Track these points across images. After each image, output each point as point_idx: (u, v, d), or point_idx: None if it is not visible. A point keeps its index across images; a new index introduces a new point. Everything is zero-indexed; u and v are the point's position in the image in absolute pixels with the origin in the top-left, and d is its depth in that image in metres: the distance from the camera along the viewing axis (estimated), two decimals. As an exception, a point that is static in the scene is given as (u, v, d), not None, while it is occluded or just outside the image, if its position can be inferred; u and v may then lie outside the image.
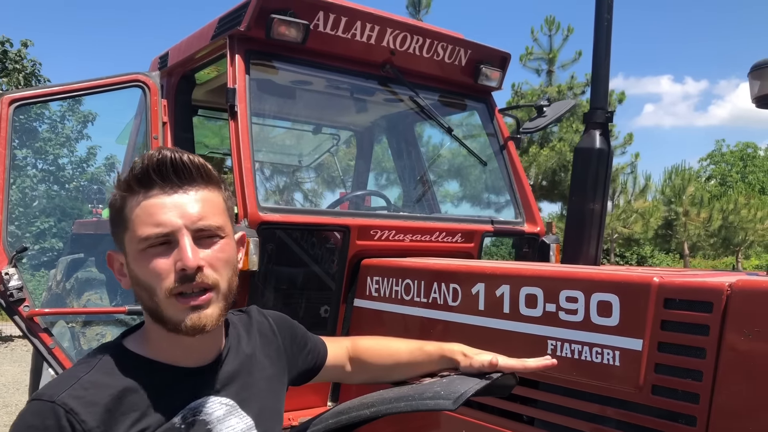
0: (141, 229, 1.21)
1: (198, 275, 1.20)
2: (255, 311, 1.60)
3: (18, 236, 12.31)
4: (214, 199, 1.28)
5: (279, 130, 4.98)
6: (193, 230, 1.22)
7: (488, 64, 3.74)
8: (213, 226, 1.25)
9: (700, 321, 1.74)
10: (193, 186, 1.25)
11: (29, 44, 14.62)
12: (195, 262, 1.19)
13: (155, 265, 1.20)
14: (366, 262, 3.01)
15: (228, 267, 1.27)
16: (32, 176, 13.01)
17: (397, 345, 1.76)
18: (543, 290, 2.18)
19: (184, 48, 3.60)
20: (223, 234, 1.27)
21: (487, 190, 4.34)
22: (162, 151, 1.23)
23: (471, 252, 3.46)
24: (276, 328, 1.58)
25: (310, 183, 5.63)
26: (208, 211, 1.25)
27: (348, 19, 3.23)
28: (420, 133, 4.57)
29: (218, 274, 1.24)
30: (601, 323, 1.99)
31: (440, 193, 4.75)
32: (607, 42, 2.74)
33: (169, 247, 1.21)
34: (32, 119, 13.61)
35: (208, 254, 1.23)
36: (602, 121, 2.70)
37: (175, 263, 1.20)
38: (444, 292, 2.57)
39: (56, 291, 3.88)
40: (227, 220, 1.30)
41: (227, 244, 1.28)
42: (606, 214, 2.75)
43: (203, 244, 1.24)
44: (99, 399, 1.16)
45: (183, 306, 1.21)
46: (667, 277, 1.89)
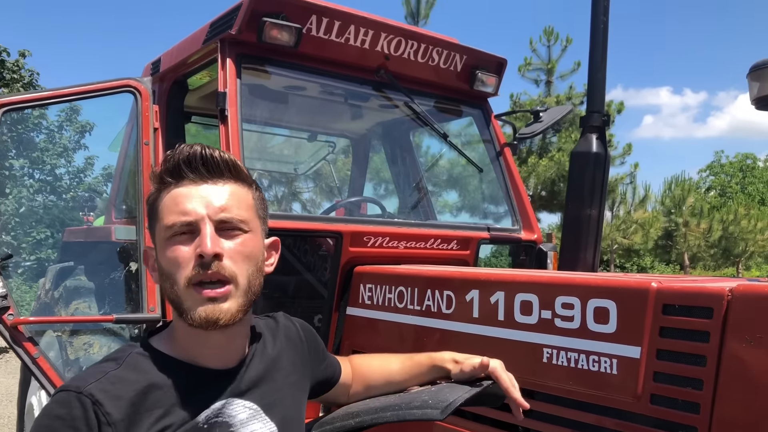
0: (167, 217, 1.24)
1: (215, 264, 1.21)
2: (282, 316, 1.60)
3: (14, 247, 12.25)
4: (241, 194, 1.29)
5: (275, 137, 4.94)
6: (216, 221, 1.23)
7: (484, 70, 3.70)
8: (236, 218, 1.26)
9: (699, 327, 1.69)
10: (221, 179, 1.27)
11: (27, 54, 14.63)
12: (213, 249, 1.20)
13: (177, 253, 1.22)
14: (359, 269, 2.95)
15: (249, 263, 1.27)
16: (29, 186, 12.97)
17: (388, 359, 1.75)
18: (538, 297, 2.12)
19: (176, 53, 3.56)
20: (247, 229, 1.28)
21: (483, 197, 4.28)
22: (193, 146, 1.26)
23: (467, 259, 3.40)
24: (303, 335, 1.58)
25: (306, 191, 5.58)
26: (233, 203, 1.26)
27: (341, 23, 3.19)
28: (417, 140, 4.52)
29: (237, 267, 1.24)
30: (597, 330, 1.93)
31: (440, 202, 4.70)
32: (604, 45, 2.70)
33: (192, 237, 1.23)
34: (30, 129, 13.60)
35: (230, 245, 1.24)
36: (599, 125, 2.65)
37: (195, 250, 1.21)
38: (438, 300, 2.52)
39: (45, 300, 3.81)
40: (254, 217, 1.31)
41: (251, 239, 1.28)
42: (603, 219, 2.69)
43: (225, 236, 1.25)
44: (124, 393, 1.17)
45: (199, 296, 1.21)
46: (666, 283, 1.83)
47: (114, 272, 3.37)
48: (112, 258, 3.36)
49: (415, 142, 4.48)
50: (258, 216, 1.34)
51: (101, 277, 3.46)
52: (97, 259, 3.63)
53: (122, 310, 3.29)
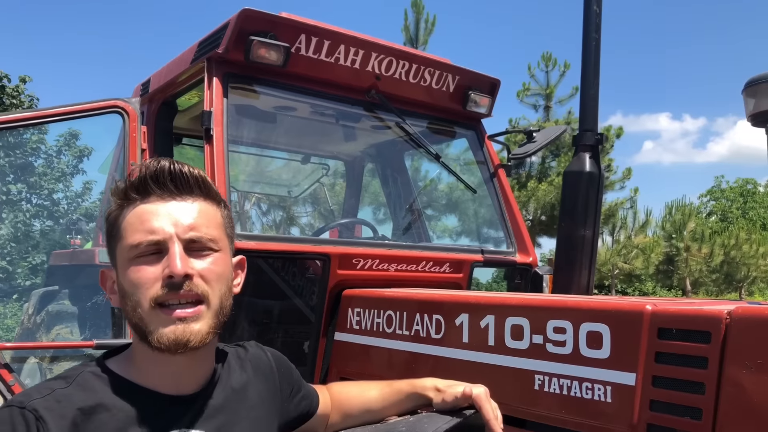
0: (132, 236, 1.17)
1: (186, 283, 1.15)
2: (254, 345, 1.52)
3: (9, 272, 12.16)
4: (210, 212, 1.24)
5: (268, 159, 4.88)
6: (185, 239, 1.17)
7: (477, 90, 3.65)
8: (206, 237, 1.20)
9: (697, 353, 1.60)
10: (191, 196, 1.22)
11: (27, 80, 14.71)
12: (183, 269, 1.14)
13: (143, 274, 1.15)
14: (347, 293, 2.86)
15: (221, 282, 1.21)
16: (26, 211, 12.92)
17: (367, 387, 1.67)
18: (529, 320, 2.04)
19: (165, 73, 3.51)
20: (217, 248, 1.22)
21: (477, 220, 4.21)
22: (161, 161, 1.20)
23: (460, 283, 3.31)
24: (275, 365, 1.49)
25: (300, 215, 5.51)
26: (203, 221, 1.21)
27: (331, 43, 3.14)
28: (410, 161, 4.46)
29: (209, 286, 1.18)
30: (590, 356, 1.84)
31: (435, 225, 4.62)
32: (596, 62, 2.65)
33: (159, 257, 1.16)
34: (29, 154, 13.61)
35: (200, 265, 1.18)
36: (592, 144, 2.59)
37: (163, 270, 1.14)
38: (427, 324, 2.43)
39: (27, 325, 3.72)
40: (223, 235, 1.26)
41: (221, 259, 1.23)
42: (598, 240, 2.62)
43: (195, 256, 1.19)
44: (69, 413, 1.11)
45: (168, 317, 1.14)
46: (661, 306, 1.75)
47: (97, 296, 3.28)
48: (96, 282, 3.27)
49: (409, 164, 4.43)
50: (227, 234, 1.28)
51: (84, 302, 3.37)
52: (80, 283, 3.54)
53: (104, 335, 3.19)
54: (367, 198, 5.64)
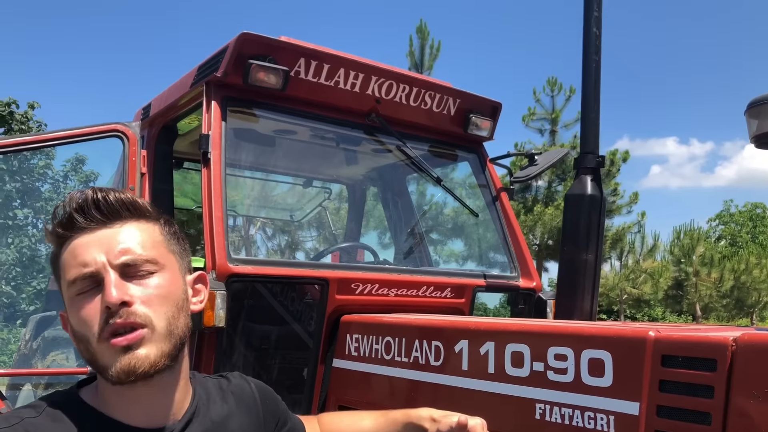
0: (68, 272, 1.13)
1: (123, 311, 1.09)
2: (237, 376, 1.45)
3: (14, 297, 12.15)
4: (145, 230, 1.19)
5: (269, 183, 4.86)
6: (118, 265, 1.12)
7: (478, 114, 3.63)
8: (141, 259, 1.14)
9: (702, 381, 1.54)
10: (120, 220, 1.17)
11: (36, 106, 14.87)
12: (118, 298, 1.08)
13: (85, 311, 1.11)
14: (346, 319, 2.80)
15: (167, 304, 1.15)
16: (31, 236, 12.95)
17: (360, 417, 1.60)
18: (530, 347, 1.98)
19: (165, 97, 3.52)
20: (157, 268, 1.16)
21: (480, 244, 4.16)
22: (84, 192, 1.16)
23: (462, 308, 3.25)
24: (259, 396, 1.42)
25: (302, 238, 5.47)
26: (136, 243, 1.15)
27: (331, 67, 3.14)
28: (412, 185, 4.43)
29: (152, 310, 1.12)
30: (593, 384, 1.78)
31: (440, 251, 4.57)
32: (596, 84, 2.62)
33: (97, 290, 1.11)
34: (35, 179, 13.69)
35: (138, 290, 1.12)
36: (593, 166, 2.55)
37: (102, 303, 1.10)
38: (426, 351, 2.37)
39: (24, 351, 3.67)
40: (165, 252, 1.20)
41: (165, 279, 1.17)
42: (601, 264, 2.56)
43: (134, 280, 1.13)
44: None
45: (113, 348, 1.09)
46: (665, 332, 1.69)
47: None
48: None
49: (411, 188, 4.40)
50: (171, 251, 1.22)
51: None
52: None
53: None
54: (372, 222, 5.61)
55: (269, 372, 2.92)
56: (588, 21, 2.62)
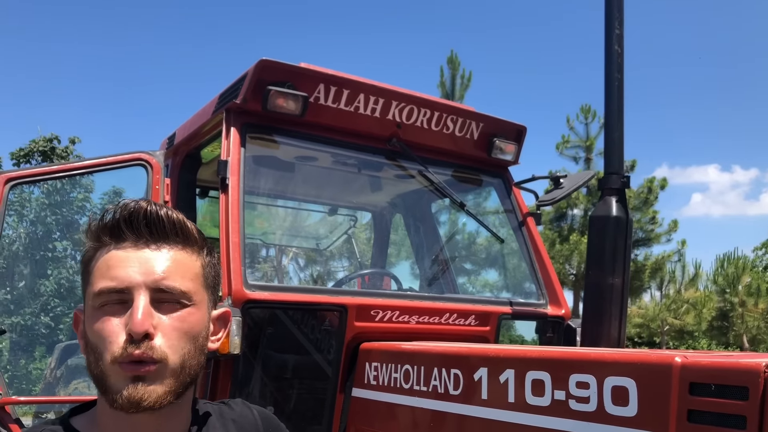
0: (98, 282, 1.08)
1: (143, 343, 1.04)
2: (239, 403, 1.39)
3: (52, 328, 12.38)
4: (188, 262, 1.13)
5: (294, 211, 4.86)
6: (153, 289, 1.07)
7: (502, 137, 3.57)
8: (177, 289, 1.09)
9: (733, 411, 1.43)
10: (167, 244, 1.12)
11: (76, 141, 15.34)
12: (143, 327, 1.03)
13: (106, 326, 1.06)
14: (365, 346, 2.74)
15: (186, 341, 1.10)
16: (69, 267, 13.23)
17: None
18: (551, 375, 1.89)
19: (188, 125, 3.55)
20: (189, 302, 1.11)
21: (506, 270, 4.05)
22: (139, 202, 1.11)
23: (487, 336, 3.15)
24: (262, 425, 1.36)
25: (327, 267, 5.43)
26: (177, 271, 1.10)
27: (350, 92, 3.13)
28: (437, 210, 4.37)
29: (169, 346, 1.07)
30: (616, 413, 1.68)
31: (465, 277, 4.47)
32: (620, 103, 2.55)
33: (124, 308, 1.06)
34: (74, 212, 14.04)
35: (163, 321, 1.07)
36: (618, 187, 2.46)
37: (126, 324, 1.05)
38: (445, 379, 2.29)
39: (49, 379, 3.69)
40: (199, 288, 1.15)
41: (192, 315, 1.11)
42: (628, 289, 2.45)
43: (162, 309, 1.08)
44: None
45: (125, 374, 1.04)
46: (692, 358, 1.58)
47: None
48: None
49: (435, 213, 4.33)
50: (205, 286, 1.17)
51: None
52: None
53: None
54: (404, 252, 5.55)
55: (287, 401, 2.86)
56: (609, 39, 2.56)
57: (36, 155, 15.66)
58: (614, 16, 2.53)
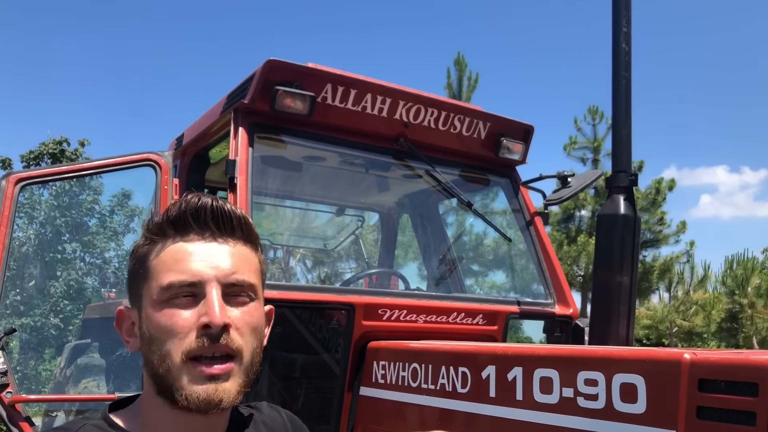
0: (165, 276, 1.04)
1: (223, 336, 1.02)
2: (266, 406, 1.38)
3: (62, 329, 12.44)
4: (250, 256, 1.13)
5: (302, 212, 4.87)
6: (225, 284, 1.05)
7: (509, 137, 3.56)
8: (247, 282, 1.08)
9: (743, 407, 1.42)
10: (232, 237, 1.10)
11: (86, 143, 15.44)
12: (222, 319, 1.01)
13: (176, 320, 1.02)
14: (372, 345, 2.74)
15: (255, 335, 1.08)
16: (78, 269, 13.30)
17: None
18: (558, 372, 1.89)
19: (197, 126, 3.57)
20: (255, 296, 1.10)
21: (514, 270, 4.05)
22: (202, 197, 1.10)
23: (494, 335, 3.15)
24: (290, 425, 1.35)
25: (335, 267, 5.44)
26: (243, 266, 1.09)
27: (357, 92, 3.13)
28: (445, 210, 4.37)
29: (244, 340, 1.05)
30: (625, 411, 1.68)
31: (473, 277, 4.47)
32: (627, 101, 2.54)
33: (194, 301, 1.03)
34: (83, 214, 14.12)
35: (236, 314, 1.05)
36: (626, 185, 2.45)
37: (199, 318, 1.02)
38: (453, 377, 2.29)
39: (59, 378, 3.71)
40: (260, 283, 1.14)
41: (257, 309, 1.10)
42: (636, 287, 2.44)
43: (232, 303, 1.06)
44: None
45: (199, 374, 1.01)
46: (702, 355, 1.58)
47: (122, 349, 3.25)
48: (122, 334, 3.26)
49: (443, 213, 4.33)
50: (262, 282, 1.17)
51: (113, 354, 3.34)
52: (111, 336, 3.53)
53: (128, 388, 3.15)
54: (412, 252, 5.55)
55: (295, 400, 2.87)
56: (617, 37, 2.55)
57: (46, 158, 15.78)
58: (621, 14, 2.53)
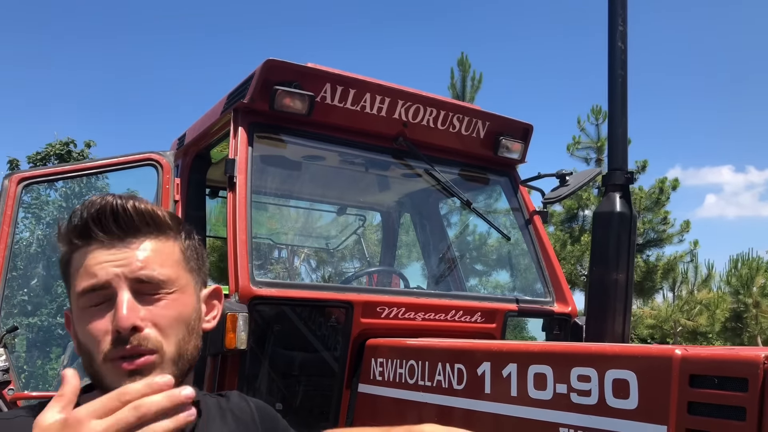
0: (79, 283, 1.08)
1: (134, 337, 1.04)
2: (235, 395, 1.39)
3: (66, 328, 12.46)
4: (164, 248, 1.13)
5: (304, 211, 4.89)
6: (132, 279, 1.07)
7: (509, 136, 3.58)
8: (157, 277, 1.08)
9: (733, 402, 1.44)
10: (138, 236, 1.11)
11: (92, 144, 15.52)
12: (129, 321, 1.03)
13: (93, 326, 1.06)
14: (370, 342, 2.76)
15: (178, 327, 1.10)
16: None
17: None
18: (552, 368, 1.90)
19: (198, 126, 3.59)
20: (173, 288, 1.11)
21: (513, 268, 4.06)
22: (105, 198, 1.09)
23: (493, 333, 3.16)
24: (258, 416, 1.37)
25: (337, 266, 5.46)
26: (154, 260, 1.10)
27: (356, 92, 3.15)
28: (445, 209, 4.39)
29: (163, 335, 1.07)
30: (617, 406, 1.69)
31: (473, 275, 4.48)
32: (623, 100, 2.55)
33: (108, 305, 1.06)
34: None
35: (150, 311, 1.07)
36: (622, 183, 2.46)
37: (112, 322, 1.05)
38: (449, 374, 2.30)
39: (61, 376, 3.74)
40: (183, 272, 1.14)
41: (177, 300, 1.11)
42: (632, 284, 2.45)
43: (146, 300, 1.08)
44: None
45: (119, 370, 1.04)
46: (693, 351, 1.59)
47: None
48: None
49: (443, 212, 4.35)
50: (188, 270, 1.17)
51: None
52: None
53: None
54: (415, 252, 5.56)
55: (294, 397, 2.89)
56: (613, 35, 2.56)
57: (52, 159, 15.85)
58: (617, 13, 2.54)
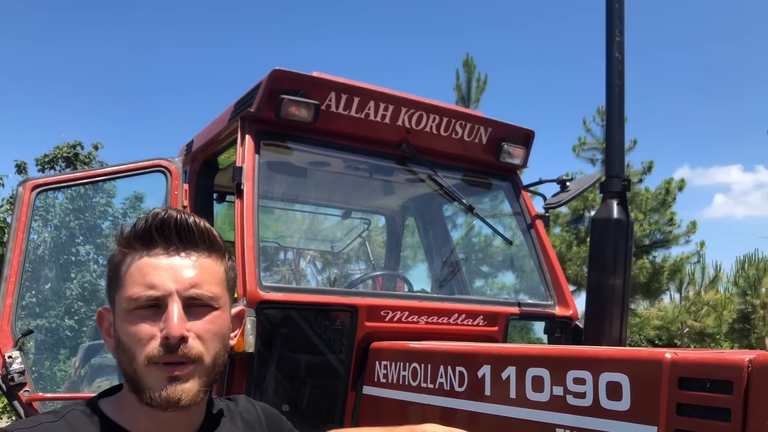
0: (132, 288, 1.16)
1: (181, 346, 1.13)
2: (243, 399, 1.48)
3: (76, 330, 12.61)
4: (213, 267, 1.22)
5: (309, 215, 4.97)
6: (184, 297, 1.15)
7: (510, 142, 3.64)
8: (206, 295, 1.18)
9: (719, 404, 1.50)
10: (194, 250, 1.20)
11: (99, 147, 15.60)
12: (179, 331, 1.12)
13: (139, 329, 1.14)
14: (375, 345, 2.83)
15: (216, 341, 1.19)
16: (92, 271, 13.44)
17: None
18: (549, 371, 1.97)
19: (206, 133, 3.68)
20: (217, 305, 1.20)
21: (515, 272, 4.12)
22: (168, 211, 1.19)
23: (495, 336, 3.23)
24: (264, 419, 1.46)
25: (341, 269, 5.53)
26: (205, 278, 1.19)
27: (361, 99, 3.23)
28: (448, 213, 4.45)
29: (204, 346, 1.16)
30: (611, 408, 1.76)
31: (477, 279, 4.54)
32: (620, 108, 2.62)
33: (157, 312, 1.15)
34: (97, 216, 14.27)
35: (196, 324, 1.16)
36: (619, 190, 2.53)
37: (161, 330, 1.13)
38: (450, 377, 2.37)
39: (74, 378, 3.83)
40: (224, 291, 1.24)
41: (219, 317, 1.21)
42: (629, 289, 2.52)
43: (193, 313, 1.17)
44: None
45: (161, 375, 1.13)
46: (682, 354, 1.65)
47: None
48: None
49: (446, 216, 4.42)
50: (227, 288, 1.26)
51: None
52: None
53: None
54: (420, 255, 5.63)
55: (300, 399, 2.96)
56: (610, 46, 2.63)
57: (60, 161, 15.98)
58: (615, 24, 2.60)
